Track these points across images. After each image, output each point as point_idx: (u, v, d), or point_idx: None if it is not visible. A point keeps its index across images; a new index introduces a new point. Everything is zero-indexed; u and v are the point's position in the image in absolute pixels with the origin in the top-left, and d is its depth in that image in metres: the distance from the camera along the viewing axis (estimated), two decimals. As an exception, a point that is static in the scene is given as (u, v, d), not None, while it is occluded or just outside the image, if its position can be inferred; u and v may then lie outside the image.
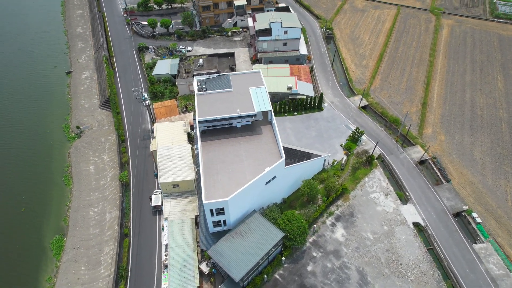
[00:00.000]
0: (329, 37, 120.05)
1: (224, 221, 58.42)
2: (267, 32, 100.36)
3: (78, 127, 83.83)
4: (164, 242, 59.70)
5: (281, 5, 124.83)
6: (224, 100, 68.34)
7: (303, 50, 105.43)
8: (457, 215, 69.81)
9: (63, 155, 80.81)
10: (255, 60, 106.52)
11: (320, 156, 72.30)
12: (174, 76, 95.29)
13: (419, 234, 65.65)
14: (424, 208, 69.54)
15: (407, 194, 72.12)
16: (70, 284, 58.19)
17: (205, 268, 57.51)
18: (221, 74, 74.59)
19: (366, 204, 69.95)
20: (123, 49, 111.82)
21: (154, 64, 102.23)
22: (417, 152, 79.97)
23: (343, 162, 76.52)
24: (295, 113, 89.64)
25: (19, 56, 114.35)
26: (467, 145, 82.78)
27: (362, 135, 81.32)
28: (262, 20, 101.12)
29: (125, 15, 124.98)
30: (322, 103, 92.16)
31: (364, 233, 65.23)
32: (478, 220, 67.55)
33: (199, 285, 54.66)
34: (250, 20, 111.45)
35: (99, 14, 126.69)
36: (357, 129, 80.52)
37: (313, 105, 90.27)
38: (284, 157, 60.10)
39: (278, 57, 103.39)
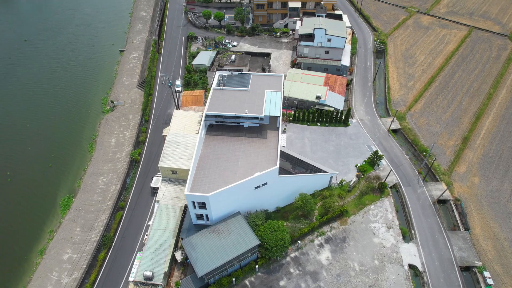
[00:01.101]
0: (380, 52, 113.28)
1: (207, 215, 59.11)
2: (310, 37, 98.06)
3: (112, 102, 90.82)
4: (150, 222, 62.49)
5: (338, 12, 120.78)
6: (237, 98, 68.73)
7: (345, 61, 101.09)
8: (466, 269, 61.97)
9: (94, 124, 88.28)
10: (294, 64, 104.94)
11: (326, 172, 69.20)
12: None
13: (412, 279, 59.67)
14: (427, 252, 62.92)
15: (413, 232, 65.84)
16: (64, 240, 63.87)
17: (179, 256, 58.97)
18: (243, 72, 75.05)
19: (363, 232, 65.40)
20: (174, 35, 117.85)
21: (197, 53, 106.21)
22: (439, 190, 72.36)
23: (351, 183, 72.30)
24: (318, 124, 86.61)
25: (87, 30, 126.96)
26: (504, 195, 72.70)
27: (381, 159, 75.90)
28: (308, 25, 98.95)
29: (185, 4, 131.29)
30: (350, 119, 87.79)
31: (351, 262, 61.17)
32: (490, 281, 59.32)
33: (167, 270, 56.21)
34: (299, 23, 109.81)
35: (162, 0, 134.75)
36: (376, 152, 75.33)
37: (339, 119, 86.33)
38: (277, 166, 58.76)
39: (317, 64, 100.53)
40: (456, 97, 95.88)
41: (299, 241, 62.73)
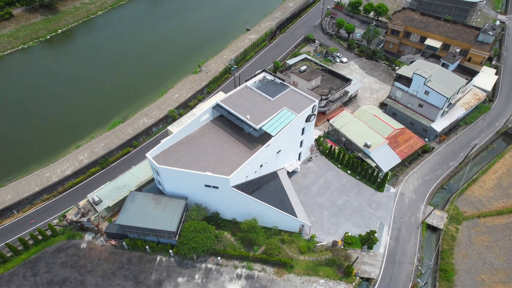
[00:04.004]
0: (507, 136, 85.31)
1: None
2: (407, 81, 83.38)
3: (199, 66, 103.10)
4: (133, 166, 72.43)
5: (487, 69, 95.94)
6: (255, 102, 68.36)
7: (440, 125, 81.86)
8: None
9: (178, 78, 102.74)
10: (382, 104, 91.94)
11: (295, 217, 62.12)
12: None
13: None
14: None
15: (339, 336, 53.39)
16: (89, 148, 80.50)
17: (129, 203, 66.83)
18: (283, 82, 72.69)
19: (288, 296, 57.27)
20: (297, 32, 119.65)
21: (299, 55, 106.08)
22: (419, 322, 54.55)
23: (318, 244, 62.66)
24: (349, 172, 75.85)
25: (241, 3, 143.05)
26: None
27: (374, 243, 61.98)
28: (413, 67, 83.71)
29: (329, 7, 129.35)
30: (388, 185, 73.14)
31: (249, 311, 55.61)
32: None
33: (111, 205, 64.94)
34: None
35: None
36: (372, 232, 61.72)
37: (375, 179, 73.15)
38: (229, 177, 57.32)
39: (404, 114, 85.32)
40: None
41: (219, 258, 60.59)
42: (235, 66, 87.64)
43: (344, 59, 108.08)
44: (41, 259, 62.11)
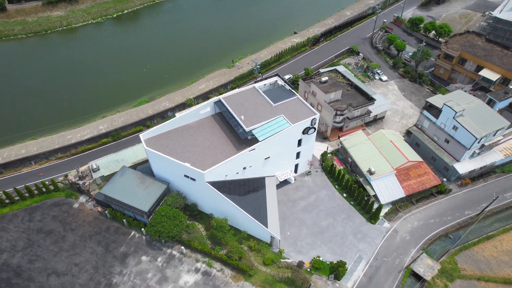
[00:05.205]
0: (552, 196, 72.28)
1: (152, 166, 67.48)
2: (437, 111, 75.22)
3: (233, 61, 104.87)
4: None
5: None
6: (256, 105, 68.08)
7: (466, 167, 72.66)
8: None
9: (212, 70, 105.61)
10: (407, 131, 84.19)
11: (266, 228, 60.59)
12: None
13: None
14: None
15: None
16: (110, 120, 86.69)
17: (122, 177, 71.40)
18: (292, 90, 70.77)
19: (236, 303, 56.45)
20: (343, 42, 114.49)
21: (336, 65, 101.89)
22: None
23: (283, 260, 60.35)
24: (345, 195, 71.42)
25: (301, 4, 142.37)
26: None
27: (343, 275, 57.78)
28: (448, 98, 75.06)
29: (385, 20, 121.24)
30: (383, 219, 67.38)
31: (194, 306, 56.08)
32: None
33: (105, 175, 70.05)
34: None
35: (374, 7, 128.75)
36: (341, 263, 57.57)
37: (369, 208, 67.86)
38: (204, 172, 58.03)
39: (427, 147, 77.44)
40: None
41: (182, 247, 61.84)
42: (258, 67, 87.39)
43: (384, 77, 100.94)
44: (39, 208, 69.83)
